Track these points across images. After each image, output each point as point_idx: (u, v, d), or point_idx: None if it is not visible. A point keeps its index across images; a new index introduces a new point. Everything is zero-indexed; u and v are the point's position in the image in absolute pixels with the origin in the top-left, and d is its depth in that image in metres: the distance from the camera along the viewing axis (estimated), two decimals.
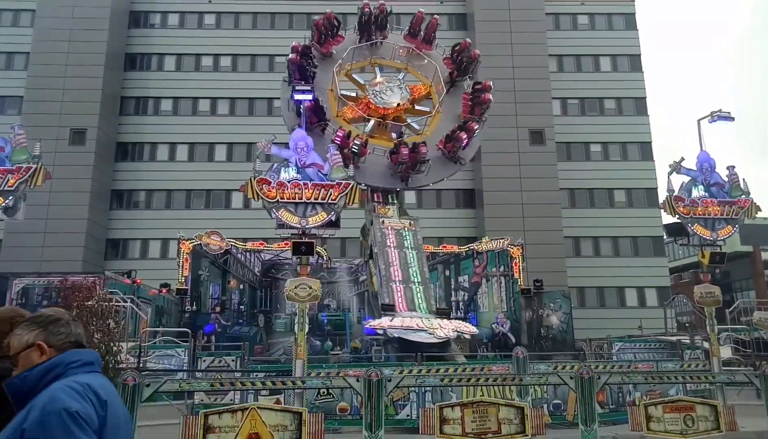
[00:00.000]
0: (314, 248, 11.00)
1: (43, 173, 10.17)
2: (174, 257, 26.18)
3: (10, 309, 2.74)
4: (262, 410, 6.95)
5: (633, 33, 40.93)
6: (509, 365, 10.79)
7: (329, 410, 10.56)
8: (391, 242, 18.19)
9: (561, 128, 37.71)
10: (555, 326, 21.67)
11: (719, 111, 16.41)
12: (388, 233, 18.28)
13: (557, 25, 40.64)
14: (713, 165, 13.05)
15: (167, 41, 39.53)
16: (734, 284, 43.74)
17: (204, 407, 9.14)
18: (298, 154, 10.95)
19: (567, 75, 39.59)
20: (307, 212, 10.64)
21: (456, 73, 21.30)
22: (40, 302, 18.06)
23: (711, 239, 12.52)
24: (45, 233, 31.67)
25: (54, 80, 34.70)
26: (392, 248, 18.13)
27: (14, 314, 2.67)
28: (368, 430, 6.79)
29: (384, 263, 17.59)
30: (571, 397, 10.68)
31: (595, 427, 7.40)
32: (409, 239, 18.54)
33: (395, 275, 17.37)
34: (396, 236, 18.38)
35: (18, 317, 2.68)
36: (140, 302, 19.72)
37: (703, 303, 12.45)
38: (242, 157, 35.96)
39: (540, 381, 9.57)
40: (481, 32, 38.04)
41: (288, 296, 10.12)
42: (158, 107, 38.74)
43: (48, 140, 27.12)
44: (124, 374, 6.67)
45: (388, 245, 18.03)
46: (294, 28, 40.39)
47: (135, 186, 37.20)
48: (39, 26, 36.47)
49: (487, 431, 7.32)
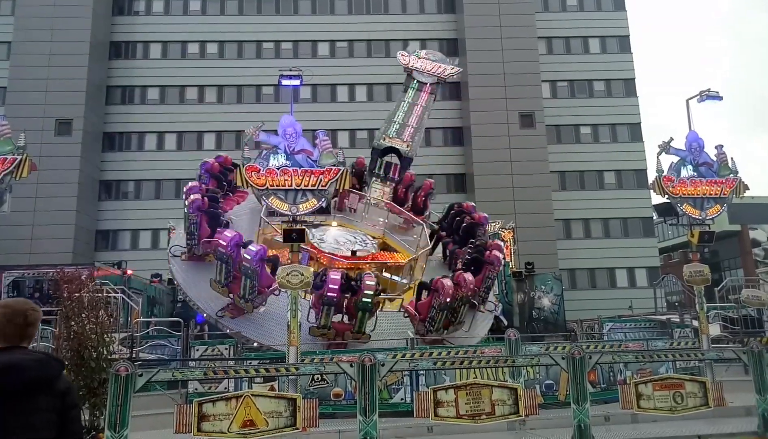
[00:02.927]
0: (305, 234, 10.95)
1: (28, 165, 10.02)
2: (165, 247, 26.05)
3: (23, 301, 2.79)
4: (257, 397, 6.96)
5: (622, 14, 40.86)
6: (502, 347, 10.87)
7: (324, 396, 10.61)
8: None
9: (550, 111, 37.72)
10: (546, 307, 21.85)
11: (708, 90, 16.49)
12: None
13: (546, 6, 40.47)
14: (702, 145, 13.11)
15: (152, 29, 38.96)
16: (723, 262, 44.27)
17: (198, 396, 9.15)
18: (287, 141, 10.86)
19: (556, 57, 39.50)
20: (298, 199, 10.59)
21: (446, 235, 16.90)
22: (31, 294, 17.92)
23: (700, 218, 12.61)
24: (33, 225, 31.38)
25: (37, 70, 34.13)
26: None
27: (27, 307, 2.71)
28: (363, 414, 6.83)
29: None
30: (562, 377, 10.79)
31: (586, 406, 7.48)
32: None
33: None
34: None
35: (31, 309, 2.70)
36: (131, 292, 19.62)
37: (692, 282, 12.57)
38: (231, 145, 35.67)
39: (532, 362, 9.65)
40: (470, 15, 37.82)
41: (280, 283, 10.11)
42: (145, 96, 38.28)
43: (33, 131, 26.74)
44: (117, 364, 6.65)
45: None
46: (281, 13, 39.97)
47: (123, 176, 36.87)
48: (20, 14, 35.77)
49: (481, 412, 7.39)
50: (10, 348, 2.59)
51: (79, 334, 8.11)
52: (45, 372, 2.55)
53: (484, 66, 36.67)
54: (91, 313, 8.33)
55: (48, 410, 2.52)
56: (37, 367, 2.53)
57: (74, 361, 7.95)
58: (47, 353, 2.84)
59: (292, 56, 37.91)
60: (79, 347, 8.04)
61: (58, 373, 2.63)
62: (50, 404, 2.54)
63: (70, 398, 2.65)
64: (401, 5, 40.53)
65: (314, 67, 31.30)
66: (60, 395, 2.58)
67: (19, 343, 2.64)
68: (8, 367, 2.46)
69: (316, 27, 39.16)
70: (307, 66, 26.64)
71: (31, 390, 2.49)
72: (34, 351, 2.70)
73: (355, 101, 38.78)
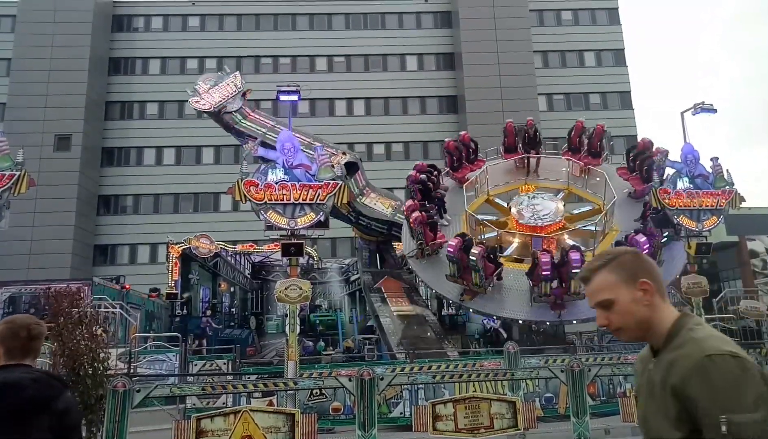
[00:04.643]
0: (303, 248, 10.98)
1: (27, 180, 10.06)
2: (163, 261, 26.01)
3: (27, 317, 2.79)
4: (255, 412, 6.94)
5: (617, 27, 41.28)
6: (501, 360, 10.84)
7: (322, 411, 10.56)
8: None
9: (547, 124, 37.91)
10: None
11: (702, 103, 16.61)
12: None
13: (541, 21, 40.87)
14: (697, 157, 13.22)
15: (151, 45, 39.24)
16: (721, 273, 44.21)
17: (196, 411, 9.10)
18: (285, 156, 10.92)
19: (552, 70, 39.83)
20: (296, 213, 10.62)
21: (641, 185, 15.92)
22: (27, 310, 17.86)
23: (697, 229, 12.67)
24: (32, 241, 31.33)
25: (37, 86, 34.31)
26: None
27: (31, 322, 2.72)
28: (362, 429, 6.80)
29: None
30: (562, 390, 10.76)
31: (586, 419, 7.46)
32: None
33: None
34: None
35: (34, 324, 2.71)
36: (129, 307, 19.57)
37: (690, 294, 12.61)
38: (230, 160, 35.78)
39: (531, 375, 9.63)
40: (466, 30, 38.17)
41: (278, 297, 10.11)
42: (144, 111, 38.46)
43: (32, 147, 26.84)
44: (114, 379, 6.63)
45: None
46: (279, 29, 40.30)
47: (122, 191, 36.90)
48: (20, 32, 36.04)
49: (480, 426, 7.37)
50: (13, 366, 2.59)
51: (73, 350, 8.08)
52: (43, 392, 2.54)
53: (480, 79, 36.94)
54: (85, 329, 8.29)
55: (45, 430, 2.51)
56: (35, 386, 2.52)
57: (70, 377, 7.92)
58: (48, 372, 2.83)
59: (290, 71, 38.17)
60: (74, 364, 8.00)
61: (57, 393, 2.61)
62: (47, 425, 2.53)
63: (69, 418, 2.62)
64: (398, 20, 40.91)
65: (312, 82, 31.51)
66: (58, 415, 2.56)
67: (23, 358, 2.64)
68: (6, 386, 2.46)
69: (314, 42, 39.48)
70: (305, 81, 26.81)
71: (28, 410, 2.48)
72: (36, 370, 2.69)
73: (353, 115, 38.98)
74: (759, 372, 1.53)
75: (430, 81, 39.50)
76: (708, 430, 1.49)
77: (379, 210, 18.33)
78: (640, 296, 1.69)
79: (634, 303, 1.70)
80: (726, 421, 1.45)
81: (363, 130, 37.72)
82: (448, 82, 39.69)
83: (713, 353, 1.54)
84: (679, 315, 1.71)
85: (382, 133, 37.97)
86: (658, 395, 1.64)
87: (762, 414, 1.45)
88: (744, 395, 1.48)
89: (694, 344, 1.60)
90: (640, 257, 1.78)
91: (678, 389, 1.56)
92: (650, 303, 1.70)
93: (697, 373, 1.53)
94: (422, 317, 17.63)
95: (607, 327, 1.76)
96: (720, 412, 1.47)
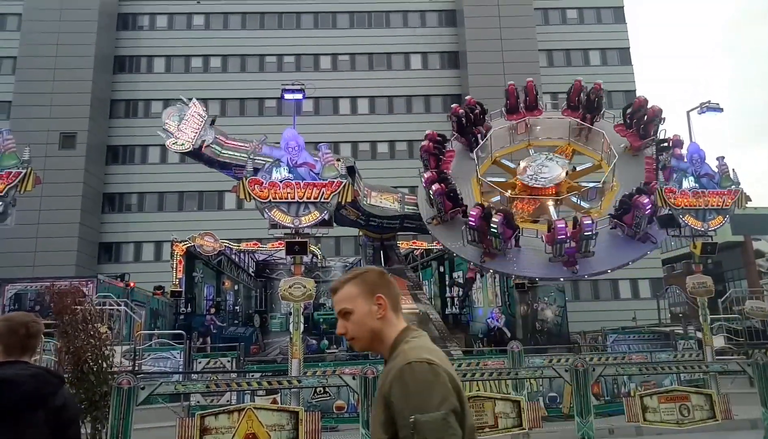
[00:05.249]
0: (308, 247, 10.99)
1: (32, 178, 10.09)
2: (168, 259, 26.08)
3: (25, 314, 2.81)
4: (259, 410, 6.95)
5: (622, 26, 41.11)
6: (505, 359, 10.82)
7: (326, 409, 10.57)
8: None
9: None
10: (550, 319, 21.75)
11: (708, 102, 16.54)
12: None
13: (546, 19, 40.74)
14: (703, 156, 13.15)
15: (156, 43, 39.31)
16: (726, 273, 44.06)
17: (200, 409, 9.12)
18: (289, 154, 10.92)
19: (557, 69, 39.67)
20: (300, 212, 10.63)
21: (638, 141, 16.86)
22: (32, 307, 17.94)
23: (702, 229, 12.61)
24: (37, 238, 31.46)
25: (42, 84, 34.43)
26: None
27: (29, 319, 2.73)
28: (365, 427, 6.80)
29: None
30: (566, 390, 10.73)
31: (590, 419, 7.44)
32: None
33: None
34: None
35: (32, 321, 2.73)
36: (134, 304, 19.63)
37: (695, 293, 12.55)
38: None
39: (535, 375, 9.60)
40: (471, 28, 38.08)
41: (282, 295, 10.12)
42: (149, 109, 38.52)
43: (38, 145, 26.94)
44: (119, 377, 6.65)
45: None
46: (284, 27, 40.30)
47: (127, 189, 37.01)
48: (26, 30, 36.17)
49: (484, 425, 7.35)
50: (11, 362, 2.60)
51: (78, 348, 8.10)
52: (40, 388, 2.55)
53: (485, 78, 36.81)
54: (89, 327, 8.31)
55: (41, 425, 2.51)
56: (31, 382, 2.53)
57: (75, 374, 7.94)
58: (46, 368, 2.84)
59: (294, 70, 38.18)
60: (79, 361, 8.03)
61: (55, 389, 2.61)
62: (44, 420, 2.53)
63: (67, 413, 2.63)
64: (403, 19, 40.86)
65: (316, 81, 31.47)
66: (55, 411, 2.57)
67: (21, 355, 2.65)
68: (3, 382, 2.47)
69: (319, 41, 39.46)
70: (309, 79, 26.80)
71: (24, 406, 2.49)
72: (34, 366, 2.70)
73: (357, 114, 38.96)
74: (450, 379, 1.69)
75: (435, 79, 39.43)
76: (401, 429, 1.63)
77: (387, 207, 18.48)
78: (375, 309, 1.85)
79: (368, 315, 1.84)
80: (414, 420, 1.59)
81: (367, 128, 37.69)
82: (453, 81, 39.62)
83: (413, 360, 1.69)
84: (402, 329, 1.86)
85: (387, 131, 37.94)
86: (377, 402, 1.79)
87: (442, 414, 1.60)
88: (431, 397, 1.62)
89: (403, 354, 1.75)
90: (383, 276, 1.94)
91: (386, 395, 1.70)
92: (383, 317, 1.85)
93: (396, 378, 1.68)
94: (426, 316, 17.65)
95: (344, 335, 1.89)
96: (410, 412, 1.61)
